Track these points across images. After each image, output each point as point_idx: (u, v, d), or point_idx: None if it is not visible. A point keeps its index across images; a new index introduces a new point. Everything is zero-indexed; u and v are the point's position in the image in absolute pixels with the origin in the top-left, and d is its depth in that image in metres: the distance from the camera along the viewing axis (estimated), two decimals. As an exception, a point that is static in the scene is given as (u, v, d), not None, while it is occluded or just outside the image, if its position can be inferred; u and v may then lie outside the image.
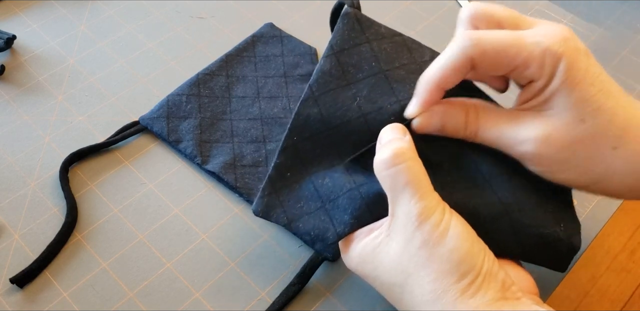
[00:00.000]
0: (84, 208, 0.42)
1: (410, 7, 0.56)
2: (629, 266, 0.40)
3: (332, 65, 0.33)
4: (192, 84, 0.48)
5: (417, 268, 0.29)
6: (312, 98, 0.33)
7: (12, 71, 0.50)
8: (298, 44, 0.51)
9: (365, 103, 0.33)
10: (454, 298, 0.28)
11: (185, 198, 0.43)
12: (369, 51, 0.34)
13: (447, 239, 0.28)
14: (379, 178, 0.30)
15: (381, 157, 0.30)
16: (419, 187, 0.29)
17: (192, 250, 0.40)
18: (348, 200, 0.32)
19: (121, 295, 0.38)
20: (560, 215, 0.32)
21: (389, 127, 0.32)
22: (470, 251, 0.28)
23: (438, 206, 0.29)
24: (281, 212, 0.34)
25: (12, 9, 0.54)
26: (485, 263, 0.28)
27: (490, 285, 0.28)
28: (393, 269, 0.30)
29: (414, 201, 0.29)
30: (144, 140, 0.46)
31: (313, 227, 0.33)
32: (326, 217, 0.33)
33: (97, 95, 0.49)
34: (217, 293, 0.39)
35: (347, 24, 0.34)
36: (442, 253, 0.28)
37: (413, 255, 0.29)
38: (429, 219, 0.29)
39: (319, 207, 0.33)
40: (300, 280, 0.38)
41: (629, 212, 0.43)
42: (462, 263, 0.28)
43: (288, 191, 0.34)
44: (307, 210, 0.33)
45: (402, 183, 0.29)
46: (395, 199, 0.30)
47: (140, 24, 0.54)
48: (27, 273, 0.38)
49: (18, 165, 0.44)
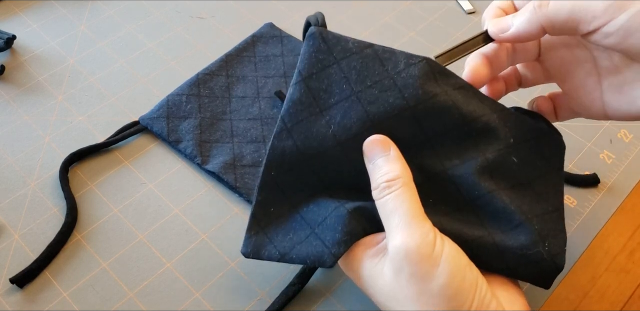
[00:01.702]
0: (84, 208, 0.42)
1: (410, 7, 0.56)
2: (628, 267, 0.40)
3: (302, 92, 0.32)
4: (192, 84, 0.48)
5: (407, 299, 0.28)
6: (285, 130, 0.32)
7: (12, 71, 0.50)
8: (298, 44, 0.51)
9: (339, 131, 0.32)
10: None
11: (185, 198, 0.43)
12: (338, 73, 0.32)
13: (436, 274, 0.28)
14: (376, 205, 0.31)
15: (374, 187, 0.31)
16: (405, 214, 0.29)
17: (192, 250, 0.40)
18: (335, 218, 0.32)
19: (121, 295, 0.38)
20: (546, 231, 0.32)
21: (372, 140, 0.31)
22: (461, 287, 0.28)
23: (428, 235, 0.29)
24: (272, 248, 0.33)
25: (12, 9, 0.54)
26: (476, 298, 0.28)
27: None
28: (386, 293, 0.30)
29: (400, 229, 0.29)
30: (144, 140, 0.46)
31: (307, 254, 0.32)
32: (318, 241, 0.32)
33: (97, 95, 0.49)
34: (217, 293, 0.39)
35: (313, 45, 0.32)
36: (430, 289, 0.28)
37: (402, 286, 0.29)
38: (417, 250, 0.28)
39: (309, 234, 0.32)
40: (300, 280, 0.38)
41: (629, 212, 0.43)
42: (452, 300, 0.28)
43: (275, 226, 0.33)
44: (297, 240, 0.33)
45: (389, 210, 0.29)
46: (387, 226, 0.30)
47: (140, 24, 0.54)
48: (27, 273, 0.38)
49: (18, 165, 0.44)
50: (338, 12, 0.56)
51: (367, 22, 0.55)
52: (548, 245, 0.31)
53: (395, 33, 0.54)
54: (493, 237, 0.31)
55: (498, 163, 0.32)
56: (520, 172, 0.33)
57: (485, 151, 0.32)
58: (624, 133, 0.47)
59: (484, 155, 0.32)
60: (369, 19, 0.55)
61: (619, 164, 0.45)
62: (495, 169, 0.32)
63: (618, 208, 0.43)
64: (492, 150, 0.32)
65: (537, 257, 0.31)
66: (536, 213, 0.32)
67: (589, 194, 0.44)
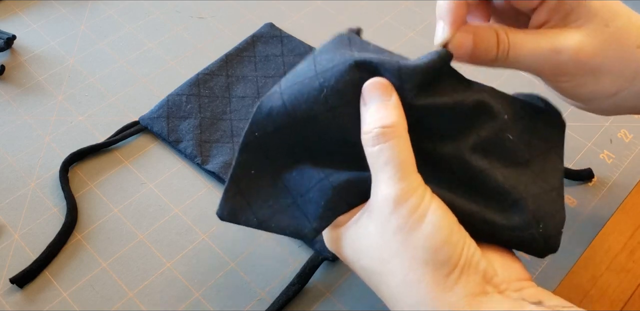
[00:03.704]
0: (84, 208, 0.42)
1: (410, 7, 0.56)
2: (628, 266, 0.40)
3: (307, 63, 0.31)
4: (192, 84, 0.48)
5: (392, 255, 0.27)
6: (277, 93, 0.31)
7: (12, 71, 0.50)
8: (298, 44, 0.51)
9: (332, 96, 0.30)
10: (427, 290, 0.26)
11: (185, 198, 0.43)
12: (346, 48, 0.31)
13: (423, 225, 0.27)
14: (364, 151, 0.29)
15: (367, 131, 0.29)
16: (399, 168, 0.28)
17: (192, 250, 0.40)
18: (319, 192, 0.31)
19: (121, 295, 0.38)
20: (542, 212, 0.31)
21: (373, 83, 0.29)
22: (448, 240, 0.27)
23: (418, 189, 0.28)
24: (250, 214, 0.31)
25: (12, 9, 0.54)
26: (464, 254, 0.27)
27: (470, 278, 0.27)
28: (371, 254, 0.28)
29: (392, 181, 0.27)
30: (144, 140, 0.46)
31: (288, 224, 0.31)
32: (299, 212, 0.31)
33: (97, 95, 0.49)
34: (217, 293, 0.39)
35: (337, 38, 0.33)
36: (416, 240, 0.27)
37: (388, 240, 0.28)
38: (405, 202, 0.27)
39: (290, 204, 0.31)
40: (300, 280, 0.38)
41: (629, 212, 0.43)
42: (438, 253, 0.26)
43: (255, 190, 0.32)
44: (278, 208, 0.31)
45: (382, 161, 0.28)
46: (375, 177, 0.28)
47: (140, 24, 0.54)
48: (27, 273, 0.38)
49: (18, 165, 0.44)
50: (338, 12, 0.56)
51: (367, 22, 0.55)
52: (543, 226, 0.30)
53: (395, 33, 0.54)
54: (484, 215, 0.30)
55: (492, 141, 0.31)
56: (516, 150, 0.32)
57: (479, 130, 0.31)
58: (624, 133, 0.47)
59: (477, 134, 0.31)
60: (369, 19, 0.55)
61: (619, 164, 0.45)
62: (489, 147, 0.31)
63: (618, 208, 0.43)
64: (486, 127, 0.31)
65: (529, 238, 0.30)
66: (532, 192, 0.31)
67: (589, 194, 0.44)
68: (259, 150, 0.31)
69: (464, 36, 0.31)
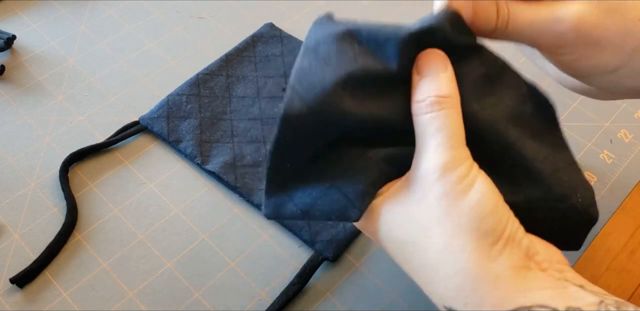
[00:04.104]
0: (84, 208, 0.42)
1: (410, 7, 0.56)
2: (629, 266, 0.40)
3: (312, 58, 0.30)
4: (192, 84, 0.48)
5: (433, 222, 0.26)
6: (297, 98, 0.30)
7: (12, 71, 0.50)
8: (298, 44, 0.51)
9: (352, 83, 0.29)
10: (471, 259, 0.25)
11: (185, 198, 0.43)
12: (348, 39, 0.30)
13: (470, 194, 0.26)
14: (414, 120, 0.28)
15: (420, 100, 0.28)
16: (451, 135, 0.27)
17: (192, 250, 0.40)
18: (358, 168, 0.30)
19: (121, 295, 0.38)
20: (575, 182, 0.30)
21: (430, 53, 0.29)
22: (494, 211, 0.26)
23: (467, 159, 0.27)
24: (292, 206, 0.30)
25: (12, 9, 0.54)
26: (508, 227, 0.26)
27: (513, 250, 0.26)
28: (407, 222, 0.27)
29: (442, 148, 0.27)
30: (144, 140, 0.46)
31: (330, 209, 0.30)
32: (339, 195, 0.30)
33: (97, 95, 0.49)
34: (217, 293, 0.39)
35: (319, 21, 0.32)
36: (462, 208, 0.26)
37: (431, 207, 0.26)
38: (455, 169, 0.26)
39: (329, 187, 0.30)
40: (300, 280, 0.38)
41: (629, 212, 0.43)
42: (484, 222, 0.25)
43: (293, 182, 0.31)
44: (317, 195, 0.30)
45: (434, 128, 0.27)
46: (423, 145, 0.27)
47: (140, 24, 0.54)
48: (27, 273, 0.38)
49: (18, 165, 0.44)
50: (338, 12, 0.56)
51: (367, 22, 0.55)
52: (580, 196, 0.30)
53: (395, 33, 0.54)
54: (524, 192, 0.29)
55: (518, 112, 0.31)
56: (533, 123, 0.31)
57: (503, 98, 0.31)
58: (624, 133, 0.47)
59: (504, 102, 0.30)
60: (369, 19, 0.55)
61: (619, 164, 0.45)
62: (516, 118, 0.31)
63: (618, 208, 0.43)
64: (510, 97, 0.31)
65: (569, 210, 0.29)
66: (561, 165, 0.30)
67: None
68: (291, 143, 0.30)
69: (464, 4, 0.30)
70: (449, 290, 0.26)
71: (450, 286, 0.26)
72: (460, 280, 0.25)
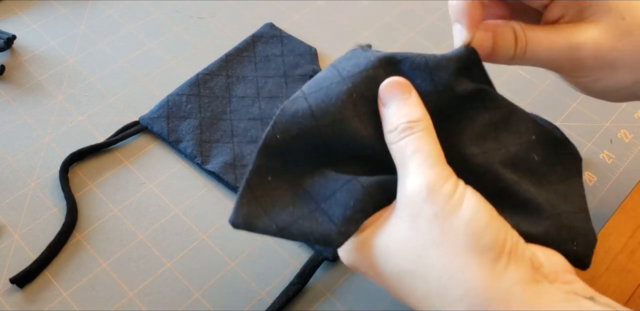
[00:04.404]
0: (84, 208, 0.42)
1: (410, 7, 0.56)
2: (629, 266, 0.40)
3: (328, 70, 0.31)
4: (192, 84, 0.48)
5: (429, 246, 0.25)
6: (302, 97, 0.30)
7: (12, 71, 0.50)
8: (298, 44, 0.51)
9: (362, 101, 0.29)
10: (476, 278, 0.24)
11: (185, 198, 0.43)
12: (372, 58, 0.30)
13: (461, 210, 0.25)
14: (390, 150, 0.28)
15: (391, 129, 0.28)
16: (428, 155, 0.26)
17: (192, 250, 0.40)
18: (347, 192, 0.28)
19: (121, 295, 0.38)
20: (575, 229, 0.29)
21: (389, 83, 0.29)
22: (490, 224, 0.25)
23: (450, 177, 0.26)
24: (267, 221, 0.28)
25: (12, 9, 0.54)
26: (508, 239, 0.25)
27: (519, 263, 0.24)
28: (401, 251, 0.26)
29: (423, 168, 0.26)
30: (144, 140, 0.46)
31: (312, 230, 0.28)
32: (324, 217, 0.28)
33: (97, 95, 0.49)
34: (217, 293, 0.39)
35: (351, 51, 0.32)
36: (456, 225, 0.25)
37: (423, 230, 0.25)
38: (440, 188, 0.25)
39: (314, 209, 0.29)
40: (300, 280, 0.38)
41: (629, 211, 0.43)
42: (481, 237, 0.24)
43: (272, 198, 0.29)
44: (299, 214, 0.29)
45: (410, 151, 0.27)
46: (404, 170, 0.27)
47: (140, 24, 0.54)
48: (27, 273, 0.38)
49: (18, 165, 0.44)
50: (338, 12, 0.56)
51: (367, 22, 0.55)
52: (577, 244, 0.29)
53: (395, 33, 0.54)
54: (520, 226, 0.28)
55: (520, 158, 0.30)
56: (541, 171, 0.31)
57: (506, 144, 0.30)
58: (624, 133, 0.47)
59: (505, 148, 0.30)
60: (369, 19, 0.55)
61: (619, 164, 0.45)
62: (517, 164, 0.30)
63: (618, 208, 0.43)
64: (513, 143, 0.30)
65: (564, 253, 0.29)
66: (564, 210, 0.30)
67: (589, 194, 0.43)
68: (278, 154, 0.30)
69: (484, 35, 0.30)
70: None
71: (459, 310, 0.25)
72: (469, 302, 0.24)
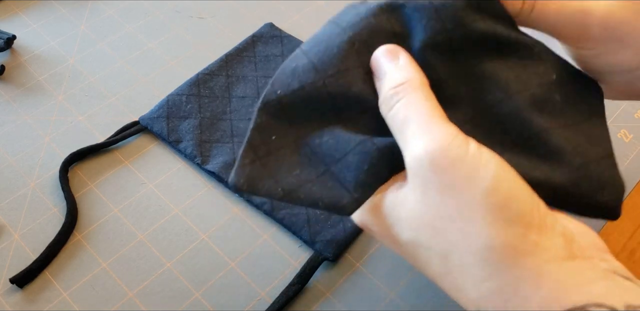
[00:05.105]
0: (84, 208, 0.42)
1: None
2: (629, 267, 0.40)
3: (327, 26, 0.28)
4: (192, 84, 0.48)
5: (445, 222, 0.22)
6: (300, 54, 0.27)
7: (12, 71, 0.50)
8: (298, 44, 0.51)
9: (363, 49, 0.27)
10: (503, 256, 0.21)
11: (185, 198, 0.43)
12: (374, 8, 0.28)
13: (478, 179, 0.22)
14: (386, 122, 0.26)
15: (380, 102, 0.26)
16: (423, 118, 0.24)
17: (192, 250, 0.40)
18: (360, 155, 0.26)
19: (121, 295, 0.38)
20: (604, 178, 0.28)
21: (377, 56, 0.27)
22: (513, 194, 0.22)
23: (455, 138, 0.23)
24: (272, 183, 0.26)
25: (12, 9, 0.54)
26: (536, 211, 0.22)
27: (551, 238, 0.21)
28: (414, 224, 0.24)
29: (418, 134, 0.23)
30: (144, 140, 0.46)
31: (321, 195, 0.25)
32: (335, 181, 0.26)
33: (97, 95, 0.49)
34: (217, 293, 0.39)
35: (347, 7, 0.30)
36: (474, 196, 0.21)
37: (436, 203, 0.23)
38: (444, 153, 0.22)
39: (323, 172, 0.26)
40: (300, 280, 0.38)
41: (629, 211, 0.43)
42: (506, 208, 0.21)
43: (275, 158, 0.26)
44: (306, 177, 0.26)
45: (401, 120, 0.24)
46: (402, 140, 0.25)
47: (140, 24, 0.54)
48: (27, 273, 0.38)
49: (18, 165, 0.44)
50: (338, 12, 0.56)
51: (367, 22, 0.55)
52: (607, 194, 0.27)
53: (395, 33, 0.54)
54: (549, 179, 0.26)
55: (544, 100, 0.28)
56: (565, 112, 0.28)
57: (528, 85, 0.28)
58: (624, 133, 0.47)
59: (528, 90, 0.28)
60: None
61: (619, 164, 0.45)
62: (542, 106, 0.28)
63: (618, 208, 0.43)
64: (536, 84, 0.28)
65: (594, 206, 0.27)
66: (593, 157, 0.27)
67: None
68: (280, 111, 0.27)
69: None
70: (484, 295, 0.22)
71: (484, 290, 0.22)
72: (497, 283, 0.22)
